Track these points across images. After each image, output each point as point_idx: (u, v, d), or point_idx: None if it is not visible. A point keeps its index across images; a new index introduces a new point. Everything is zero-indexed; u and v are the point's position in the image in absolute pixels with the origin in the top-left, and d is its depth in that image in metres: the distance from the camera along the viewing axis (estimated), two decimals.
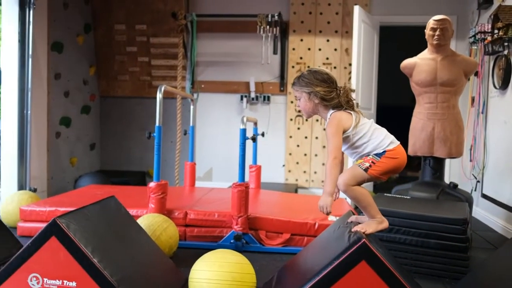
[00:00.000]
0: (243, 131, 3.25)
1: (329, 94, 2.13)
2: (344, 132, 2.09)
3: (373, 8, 5.30)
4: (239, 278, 2.17)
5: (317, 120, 5.49)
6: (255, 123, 4.43)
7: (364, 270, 1.88)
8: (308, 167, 5.54)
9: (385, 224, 2.13)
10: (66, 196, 3.92)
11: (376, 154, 2.09)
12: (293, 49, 5.46)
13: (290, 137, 5.56)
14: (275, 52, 5.19)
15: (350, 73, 5.29)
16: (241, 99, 5.63)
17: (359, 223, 2.17)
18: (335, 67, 5.40)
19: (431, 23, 3.53)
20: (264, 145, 4.86)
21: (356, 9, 4.60)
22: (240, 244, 3.15)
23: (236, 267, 2.21)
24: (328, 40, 5.39)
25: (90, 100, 5.75)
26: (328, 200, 2.08)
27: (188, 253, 3.15)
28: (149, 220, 2.90)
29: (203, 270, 2.19)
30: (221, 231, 3.30)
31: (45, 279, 2.00)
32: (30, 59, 4.33)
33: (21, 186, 4.30)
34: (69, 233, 1.97)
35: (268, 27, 5.04)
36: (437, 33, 3.50)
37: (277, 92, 5.59)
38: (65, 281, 1.99)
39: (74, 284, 1.98)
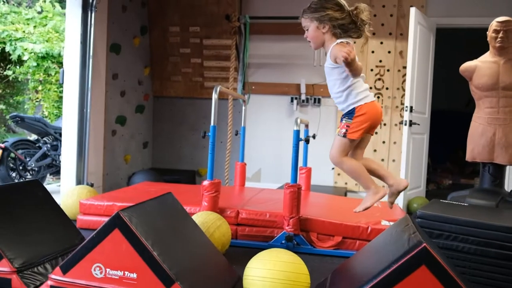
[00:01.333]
0: (297, 133, 3.25)
1: (340, 15, 2.13)
2: (339, 62, 2.13)
3: (430, 9, 5.16)
4: (293, 277, 2.17)
5: None
6: (306, 125, 4.42)
7: (424, 275, 1.84)
8: None
9: (381, 193, 2.24)
10: (122, 191, 4.05)
11: (347, 115, 2.16)
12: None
13: None
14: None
15: (404, 76, 5.18)
16: (291, 101, 5.63)
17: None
18: (388, 70, 5.31)
19: (493, 25, 3.41)
20: (313, 147, 4.83)
21: (412, 11, 4.50)
22: (291, 245, 3.15)
23: (290, 266, 2.21)
24: (381, 43, 5.30)
25: (144, 100, 5.92)
26: (354, 55, 2.11)
27: (239, 251, 3.18)
28: (203, 217, 2.95)
29: (258, 268, 2.21)
30: (272, 231, 3.31)
31: (107, 269, 2.07)
32: (90, 60, 4.50)
33: (79, 181, 4.48)
34: (131, 226, 2.04)
35: None
36: (500, 35, 3.37)
37: (328, 95, 5.49)
38: (126, 272, 2.05)
39: (134, 275, 2.05)
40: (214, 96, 3.38)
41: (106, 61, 4.91)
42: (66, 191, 3.97)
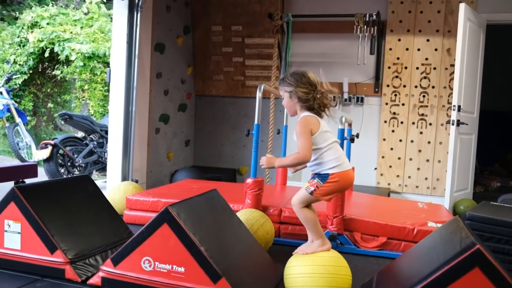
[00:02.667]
0: (341, 131, 3.22)
1: (306, 95, 2.28)
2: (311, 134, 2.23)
3: (480, 5, 4.98)
4: (333, 271, 2.15)
5: (413, 123, 5.29)
6: (350, 124, 4.37)
7: (478, 277, 1.78)
8: (402, 171, 5.35)
9: (325, 247, 2.27)
10: (166, 188, 4.13)
11: (320, 178, 2.24)
12: (390, 49, 5.30)
13: (384, 139, 5.41)
14: (371, 53, 5.08)
15: (451, 74, 5.04)
16: (334, 99, 5.57)
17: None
18: (434, 68, 5.17)
19: None
20: (355, 147, 4.76)
21: (462, 7, 4.37)
22: (334, 245, 3.11)
23: (329, 260, 2.20)
24: (428, 40, 5.17)
25: (187, 99, 6.00)
26: (272, 163, 2.34)
27: (282, 249, 3.17)
28: (246, 215, 2.97)
29: (297, 266, 2.21)
30: None
31: (156, 263, 2.12)
32: (136, 59, 4.59)
33: (124, 178, 4.59)
34: (179, 221, 2.07)
35: (365, 27, 4.95)
36: None
37: (371, 94, 5.47)
38: (174, 266, 2.09)
39: (182, 269, 2.08)
40: (258, 94, 3.39)
41: (150, 61, 5.01)
42: (113, 187, 4.08)
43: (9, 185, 3.47)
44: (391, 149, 5.39)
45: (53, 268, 2.30)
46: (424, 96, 5.23)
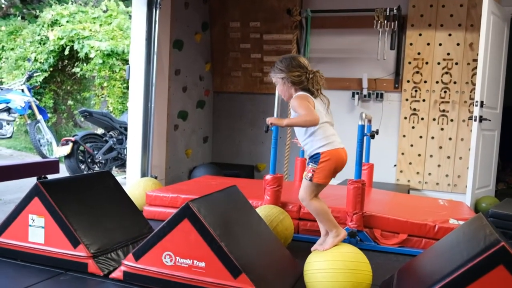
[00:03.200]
0: (361, 127, 3.19)
1: (299, 78, 2.32)
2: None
3: None
4: (353, 266, 2.14)
5: (434, 119, 5.21)
6: (369, 121, 4.32)
7: (502, 275, 1.75)
8: (422, 168, 5.29)
9: (341, 236, 2.28)
10: (185, 184, 4.15)
11: (313, 161, 2.27)
12: (411, 44, 5.23)
13: (404, 136, 5.35)
14: (392, 48, 5.02)
15: (473, 69, 4.95)
16: (353, 96, 5.53)
17: None
18: (456, 63, 5.08)
19: None
20: (375, 143, 4.72)
21: (486, 0, 4.28)
22: (354, 241, 3.10)
23: (349, 256, 2.18)
24: (450, 35, 5.09)
25: (205, 95, 6.02)
26: (278, 122, 2.32)
27: (301, 245, 3.16)
28: (266, 211, 2.96)
29: (317, 261, 2.20)
30: None
31: (177, 258, 2.13)
32: (155, 56, 4.62)
33: (143, 174, 4.62)
34: (200, 216, 2.08)
35: (385, 21, 4.90)
36: None
37: (391, 89, 5.40)
38: (195, 261, 2.10)
39: (203, 264, 2.09)
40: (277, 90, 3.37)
41: (169, 57, 5.03)
42: (133, 183, 4.11)
43: (31, 180, 3.54)
44: (411, 145, 5.32)
45: (76, 262, 2.33)
46: (445, 92, 5.15)
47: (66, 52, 8.55)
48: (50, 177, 3.28)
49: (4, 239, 2.52)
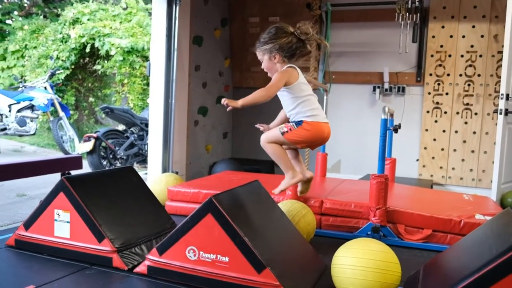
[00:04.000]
0: (384, 121, 3.15)
1: (288, 40, 2.29)
2: (286, 85, 2.25)
3: None
4: (383, 266, 2.11)
5: (457, 113, 5.12)
6: (391, 115, 4.27)
7: None
8: (445, 163, 5.21)
9: (297, 178, 2.34)
10: (206, 179, 4.16)
11: (295, 122, 2.24)
12: (433, 36, 5.15)
13: (426, 130, 5.27)
14: (414, 40, 4.94)
15: (498, 61, 4.85)
16: (374, 90, 5.47)
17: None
18: (480, 56, 4.98)
19: None
20: (396, 138, 4.66)
21: None
22: (377, 237, 3.06)
23: (380, 255, 2.15)
24: (473, 26, 4.99)
25: (224, 91, 6.02)
26: (233, 104, 2.33)
27: (323, 241, 3.15)
28: (288, 206, 2.95)
29: (347, 257, 2.17)
30: (357, 222, 3.24)
31: (201, 252, 2.13)
32: (175, 52, 4.63)
33: (164, 169, 4.65)
34: (223, 211, 2.08)
35: (407, 14, 4.82)
36: None
37: (413, 83, 5.33)
38: (218, 256, 2.10)
39: (226, 259, 2.09)
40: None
41: (189, 54, 5.05)
42: (154, 179, 4.14)
43: (55, 176, 3.59)
44: (434, 140, 5.24)
45: (101, 257, 2.35)
46: (469, 85, 5.06)
47: (87, 50, 8.66)
48: (74, 173, 3.33)
49: (31, 234, 2.56)
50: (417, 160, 5.36)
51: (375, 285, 2.06)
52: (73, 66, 8.88)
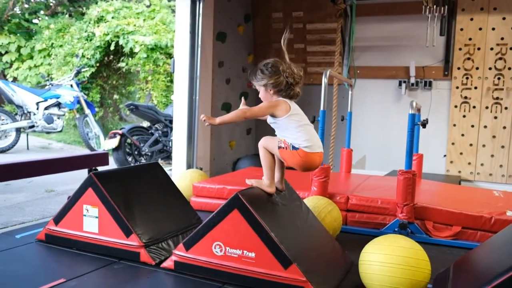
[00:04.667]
0: (412, 116, 3.09)
1: (278, 81, 2.28)
2: (274, 116, 2.32)
3: None
4: (413, 263, 2.07)
5: (486, 107, 5.00)
6: (418, 110, 4.19)
7: None
8: (474, 159, 5.09)
9: (271, 189, 2.35)
10: (231, 175, 4.17)
11: (292, 146, 2.29)
12: (461, 29, 5.03)
13: (454, 125, 5.16)
14: (442, 34, 4.84)
15: None
16: (399, 84, 5.38)
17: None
18: (511, 48, 4.85)
19: None
20: (423, 133, 4.58)
21: None
22: (405, 233, 3.01)
23: (410, 252, 2.11)
24: (504, 18, 4.85)
25: (248, 87, 6.01)
26: (211, 121, 2.31)
27: (349, 237, 3.12)
28: (313, 202, 2.93)
29: (376, 253, 2.14)
30: (384, 218, 3.20)
31: (227, 248, 2.14)
32: (199, 49, 4.63)
33: (189, 165, 4.67)
34: (250, 207, 2.08)
35: (434, 6, 4.72)
36: None
37: (440, 77, 5.22)
38: (245, 251, 2.10)
39: (253, 254, 2.08)
40: (324, 80, 3.34)
41: (212, 50, 5.05)
42: (180, 174, 4.16)
43: (82, 172, 3.65)
44: (462, 135, 5.13)
45: (128, 251, 2.38)
46: (499, 79, 4.93)
47: (112, 48, 8.75)
48: (100, 169, 3.37)
49: (61, 228, 2.60)
50: (445, 155, 5.25)
51: (404, 282, 2.02)
52: (97, 64, 9.00)
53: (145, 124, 6.70)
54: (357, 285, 2.21)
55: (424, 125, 3.11)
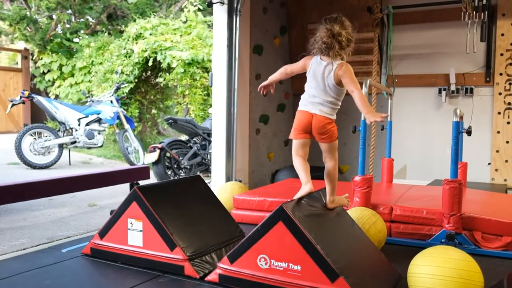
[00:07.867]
0: (456, 124, 3.01)
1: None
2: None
3: None
4: (465, 276, 2.00)
5: None
6: (461, 117, 4.08)
7: None
8: None
9: (305, 189, 2.37)
10: (271, 187, 4.16)
11: None
12: (502, 34, 4.88)
13: (498, 132, 4.99)
14: (482, 39, 4.71)
15: None
16: (439, 92, 5.26)
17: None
18: None
19: None
20: (466, 141, 4.45)
21: None
22: (452, 244, 2.92)
23: (461, 264, 2.04)
24: None
25: (285, 98, 6.02)
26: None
27: (395, 249, 3.05)
28: (357, 213, 2.89)
29: (425, 265, 2.08)
30: (430, 229, 3.11)
31: (272, 261, 2.12)
32: (236, 62, 4.68)
33: (228, 178, 4.69)
34: (295, 219, 2.06)
35: (474, 12, 4.61)
36: None
37: (482, 84, 5.08)
38: (290, 264, 2.08)
39: (299, 267, 2.06)
40: (364, 89, 3.30)
41: (249, 63, 5.09)
42: (220, 187, 4.19)
43: (123, 187, 3.72)
44: (507, 142, 4.96)
45: (173, 265, 2.40)
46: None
47: (150, 63, 8.96)
48: (141, 183, 3.44)
49: (106, 242, 2.65)
50: (489, 163, 5.08)
51: None
52: (136, 80, 9.21)
53: (184, 137, 6.80)
54: None
55: (469, 133, 3.03)
